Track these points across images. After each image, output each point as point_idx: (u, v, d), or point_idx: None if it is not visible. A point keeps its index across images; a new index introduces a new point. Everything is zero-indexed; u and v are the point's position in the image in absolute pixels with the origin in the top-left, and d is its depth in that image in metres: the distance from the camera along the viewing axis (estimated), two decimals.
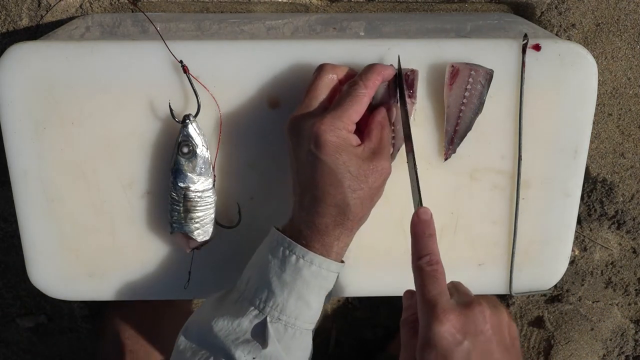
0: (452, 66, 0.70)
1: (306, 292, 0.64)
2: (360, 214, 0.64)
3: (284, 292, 0.63)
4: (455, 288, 0.66)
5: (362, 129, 0.67)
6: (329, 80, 0.66)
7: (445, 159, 0.74)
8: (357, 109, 0.63)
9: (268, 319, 0.63)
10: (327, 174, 0.62)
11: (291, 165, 0.67)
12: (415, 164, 0.68)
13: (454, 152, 0.73)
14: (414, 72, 0.69)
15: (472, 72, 0.69)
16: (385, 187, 0.67)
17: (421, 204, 0.66)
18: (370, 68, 0.66)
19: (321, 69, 0.67)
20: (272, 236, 0.66)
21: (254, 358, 0.62)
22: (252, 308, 0.64)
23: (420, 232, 0.63)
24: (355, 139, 0.64)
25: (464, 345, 0.57)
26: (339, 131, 0.62)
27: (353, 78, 0.66)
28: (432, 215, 0.63)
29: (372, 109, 0.68)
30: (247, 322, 0.63)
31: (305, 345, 0.66)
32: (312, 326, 0.67)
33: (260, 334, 0.63)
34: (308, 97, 0.66)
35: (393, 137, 0.72)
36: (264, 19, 0.83)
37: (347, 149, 0.62)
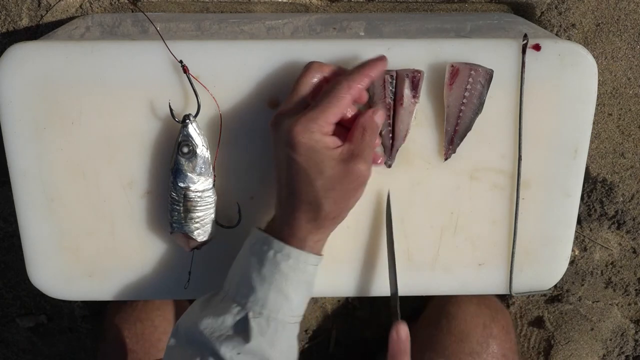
0: (452, 66, 0.70)
1: (285, 286, 0.65)
2: (333, 213, 0.65)
3: (264, 287, 0.65)
4: None
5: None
6: (314, 80, 0.66)
7: (445, 159, 0.74)
8: (335, 111, 0.62)
9: (250, 314, 0.64)
10: (300, 173, 0.63)
11: (272, 161, 0.68)
12: (395, 276, 0.76)
13: (454, 152, 0.73)
14: (420, 72, 0.69)
15: (472, 72, 0.69)
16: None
17: (398, 317, 0.73)
18: (358, 70, 0.64)
19: (308, 67, 0.66)
20: (252, 235, 0.68)
21: (238, 353, 0.63)
22: (235, 305, 0.65)
23: (398, 351, 0.71)
24: (332, 141, 0.63)
25: None
26: (311, 134, 0.62)
27: (339, 77, 0.65)
28: (408, 333, 0.71)
29: (367, 107, 0.68)
30: (230, 319, 0.65)
31: (289, 338, 0.67)
32: (295, 319, 0.67)
33: (242, 330, 0.64)
34: (291, 95, 0.66)
35: (391, 137, 0.72)
36: (264, 19, 0.83)
37: (320, 151, 0.62)
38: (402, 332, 0.71)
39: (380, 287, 0.80)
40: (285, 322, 0.66)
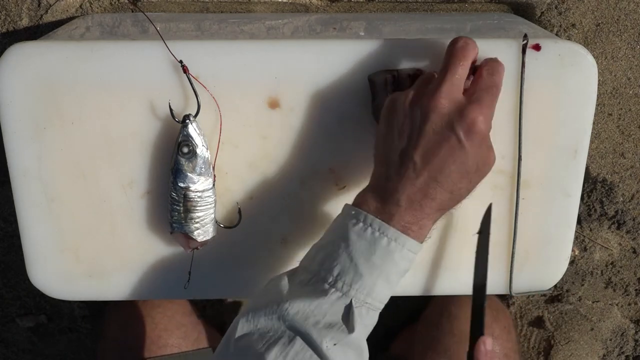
0: None
1: (393, 274, 0.61)
2: (461, 201, 0.64)
3: (373, 275, 0.60)
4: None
5: None
6: (469, 62, 0.64)
7: None
8: (496, 100, 0.63)
9: (353, 302, 0.60)
10: (460, 162, 0.60)
11: (396, 137, 0.63)
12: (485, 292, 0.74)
13: None
14: (421, 72, 0.69)
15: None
16: None
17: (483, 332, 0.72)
18: (497, 62, 0.65)
19: (463, 50, 0.63)
20: (356, 216, 0.62)
21: (335, 344, 0.58)
22: (333, 290, 0.60)
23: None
24: None
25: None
26: (489, 122, 0.61)
27: (489, 65, 0.64)
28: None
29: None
30: (327, 305, 0.60)
31: (374, 323, 0.64)
32: (384, 305, 0.64)
33: (345, 319, 0.60)
34: (450, 74, 0.62)
35: None
36: (264, 19, 0.83)
37: (488, 141, 0.62)
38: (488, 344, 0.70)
39: None
40: (379, 310, 0.63)
